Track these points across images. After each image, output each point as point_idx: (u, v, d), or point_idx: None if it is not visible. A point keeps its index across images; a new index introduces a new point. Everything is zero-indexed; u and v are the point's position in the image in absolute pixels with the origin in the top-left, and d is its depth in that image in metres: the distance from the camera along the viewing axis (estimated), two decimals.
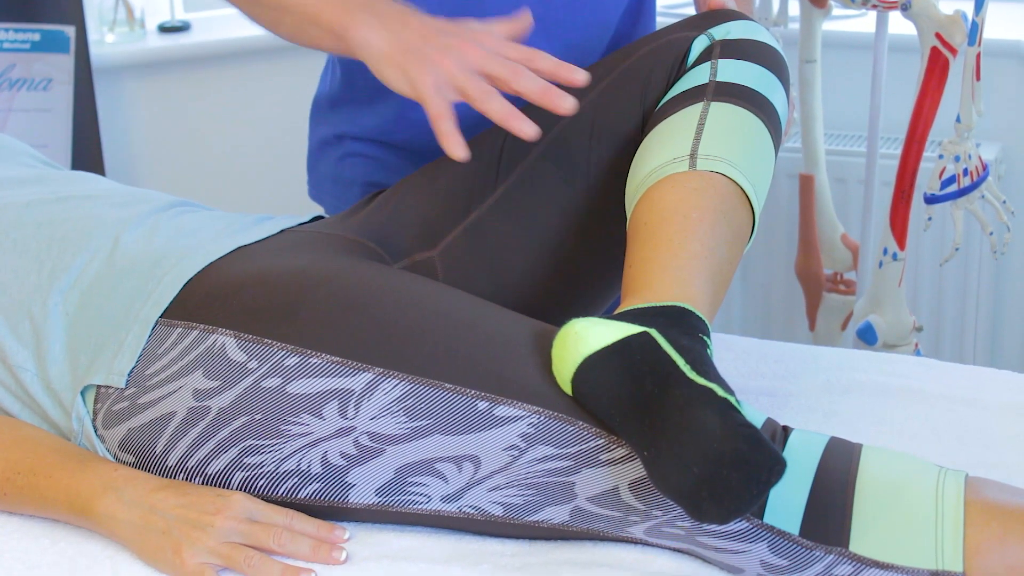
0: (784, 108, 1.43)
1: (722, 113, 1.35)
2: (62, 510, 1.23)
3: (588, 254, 1.47)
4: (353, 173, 1.73)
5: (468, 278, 1.45)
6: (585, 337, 1.14)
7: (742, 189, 1.30)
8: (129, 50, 2.88)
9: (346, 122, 1.74)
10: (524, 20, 1.34)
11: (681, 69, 1.43)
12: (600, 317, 1.16)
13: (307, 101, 1.90)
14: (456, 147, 1.26)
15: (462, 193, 1.47)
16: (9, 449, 1.26)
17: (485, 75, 1.27)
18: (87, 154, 2.75)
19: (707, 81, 1.38)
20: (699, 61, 1.42)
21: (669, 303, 1.17)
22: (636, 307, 1.17)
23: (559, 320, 1.50)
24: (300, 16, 1.37)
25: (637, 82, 1.44)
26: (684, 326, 1.15)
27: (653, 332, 1.13)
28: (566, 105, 1.26)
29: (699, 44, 1.43)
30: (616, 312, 1.18)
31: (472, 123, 1.57)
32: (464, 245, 1.47)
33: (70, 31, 2.71)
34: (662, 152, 1.32)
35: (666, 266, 1.22)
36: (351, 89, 1.70)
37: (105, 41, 2.93)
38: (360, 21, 1.32)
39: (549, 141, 1.45)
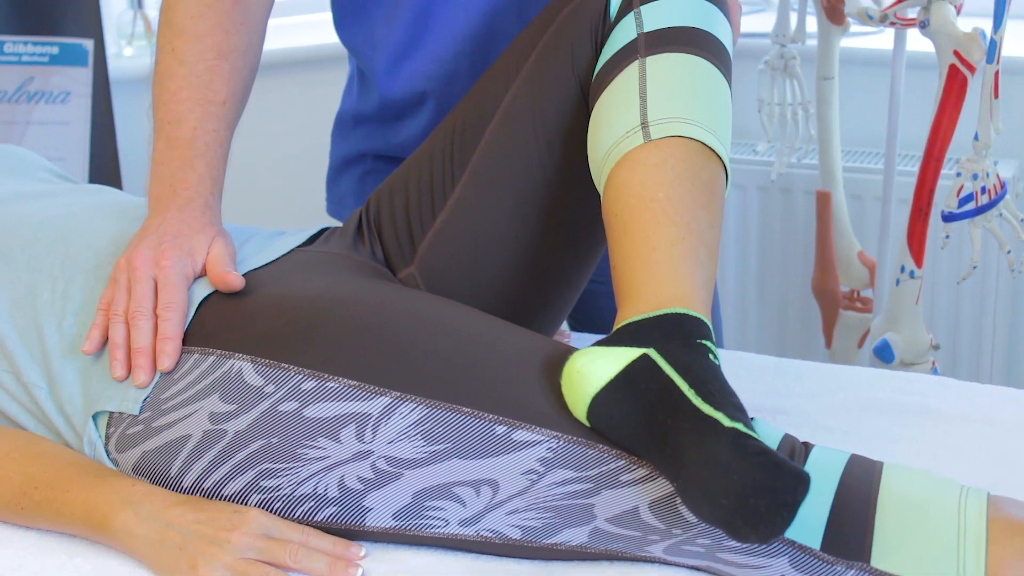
0: (725, 31, 1.36)
1: (660, 67, 1.30)
2: (79, 525, 1.23)
3: (560, 232, 1.45)
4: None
5: (448, 285, 1.45)
6: (588, 375, 1.13)
7: (704, 143, 1.26)
8: (147, 63, 2.88)
9: (370, 140, 1.74)
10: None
11: (605, 27, 1.37)
12: (598, 343, 1.15)
13: (325, 116, 1.90)
14: None
15: (424, 201, 1.46)
16: (27, 463, 1.26)
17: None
18: (104, 167, 2.76)
19: (635, 36, 1.33)
20: (621, 12, 1.36)
21: (662, 311, 1.15)
22: (631, 321, 1.15)
23: (546, 307, 1.49)
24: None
25: (563, 52, 1.39)
26: (682, 336, 1.13)
27: (652, 353, 1.12)
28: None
29: None
30: (614, 329, 1.17)
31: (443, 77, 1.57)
32: (437, 253, 1.46)
33: (88, 44, 2.71)
34: (613, 128, 1.28)
35: (648, 263, 1.19)
36: (376, 106, 1.70)
37: (123, 54, 2.94)
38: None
39: (492, 133, 1.42)
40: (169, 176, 1.39)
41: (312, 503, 1.20)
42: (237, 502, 1.21)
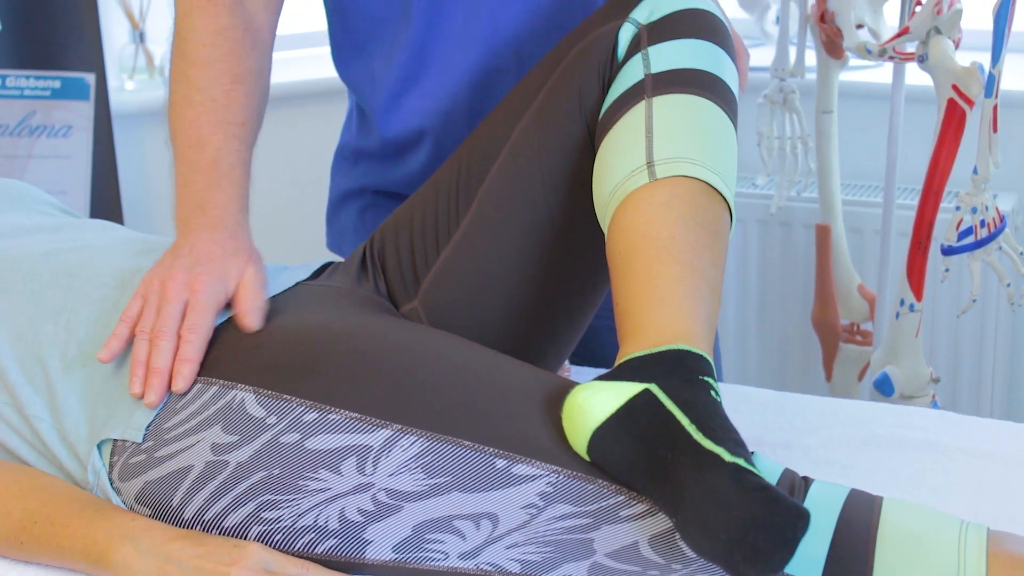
0: (732, 74, 1.37)
1: (667, 107, 1.31)
2: (79, 559, 1.23)
3: (565, 270, 1.45)
4: (375, 224, 1.72)
5: (452, 320, 1.45)
6: (589, 409, 1.13)
7: (709, 183, 1.26)
8: (148, 97, 2.89)
9: (370, 176, 1.74)
10: None
11: (613, 66, 1.38)
12: (600, 378, 1.15)
13: (327, 149, 1.91)
14: None
15: (429, 236, 1.46)
16: (26, 498, 1.26)
17: None
18: (106, 201, 2.76)
19: (642, 76, 1.34)
20: (630, 53, 1.37)
21: (665, 348, 1.15)
22: (633, 356, 1.16)
23: (549, 344, 1.49)
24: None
25: (571, 91, 1.40)
26: (684, 372, 1.14)
27: (653, 388, 1.12)
28: None
29: (625, 34, 1.38)
30: (616, 364, 1.17)
31: (445, 114, 1.58)
32: (440, 288, 1.46)
33: (90, 78, 2.73)
34: (618, 166, 1.29)
35: (651, 300, 1.20)
36: (375, 143, 1.70)
37: (125, 88, 2.95)
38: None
39: (498, 169, 1.43)
40: (196, 197, 1.39)
41: (313, 535, 1.19)
42: (238, 534, 1.21)
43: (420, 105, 1.62)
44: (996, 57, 1.96)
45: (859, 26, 2.26)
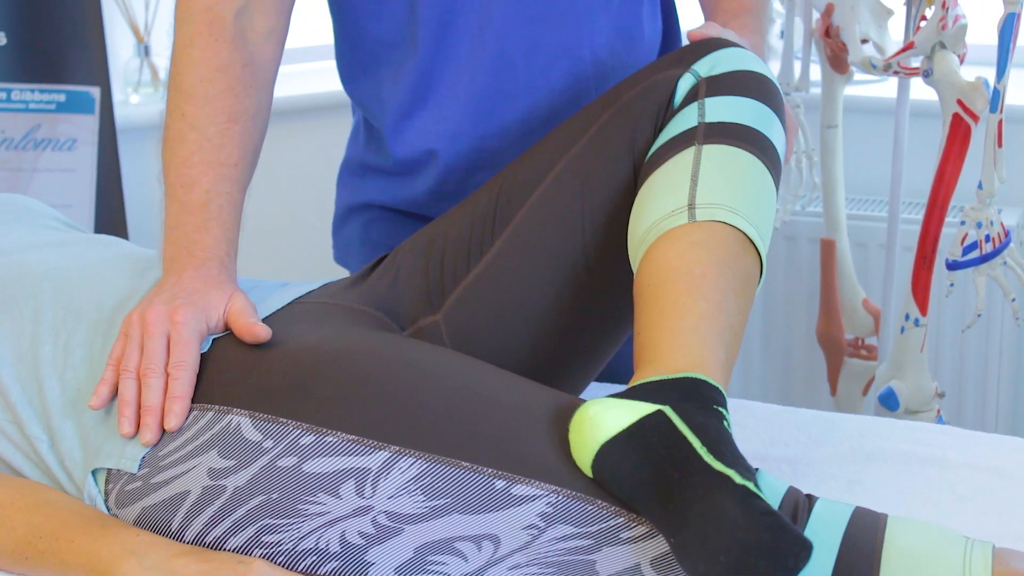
0: (780, 138, 1.39)
1: (716, 155, 1.32)
2: (83, 575, 1.23)
3: (592, 306, 1.45)
4: (379, 236, 1.72)
5: (473, 339, 1.44)
6: (600, 423, 1.13)
7: (746, 234, 1.28)
8: (154, 111, 2.89)
9: (375, 191, 1.74)
10: None
11: (668, 112, 1.40)
12: (613, 396, 1.15)
13: (331, 163, 1.91)
14: None
15: (461, 252, 1.46)
16: (31, 513, 1.26)
17: None
18: (110, 215, 2.76)
19: (696, 124, 1.35)
20: (686, 101, 1.38)
21: (682, 375, 1.15)
22: (649, 380, 1.16)
23: (568, 375, 1.49)
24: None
25: (624, 130, 1.41)
26: (699, 399, 1.14)
27: (667, 410, 1.12)
28: None
29: (684, 83, 1.40)
30: (629, 386, 1.17)
31: (470, 165, 1.57)
32: (466, 306, 1.45)
33: (95, 92, 2.73)
34: (659, 205, 1.30)
35: (674, 331, 1.20)
36: (384, 161, 1.70)
37: (130, 102, 2.95)
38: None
39: (539, 196, 1.43)
40: (184, 239, 1.38)
41: (314, 557, 1.19)
42: None
43: (427, 126, 1.62)
44: (1001, 72, 1.96)
45: (864, 41, 2.27)
